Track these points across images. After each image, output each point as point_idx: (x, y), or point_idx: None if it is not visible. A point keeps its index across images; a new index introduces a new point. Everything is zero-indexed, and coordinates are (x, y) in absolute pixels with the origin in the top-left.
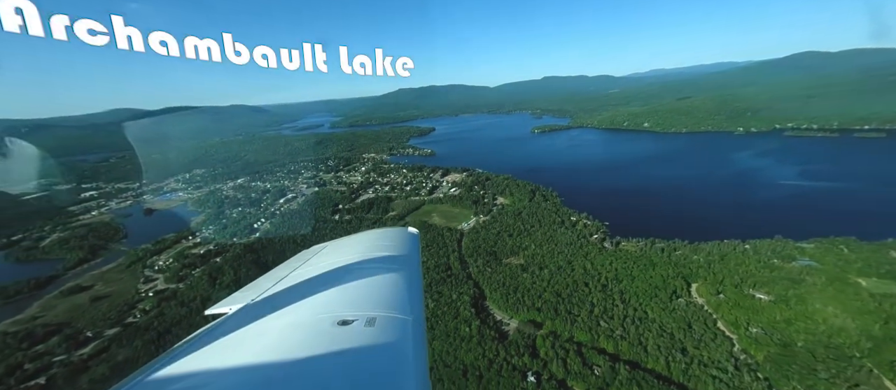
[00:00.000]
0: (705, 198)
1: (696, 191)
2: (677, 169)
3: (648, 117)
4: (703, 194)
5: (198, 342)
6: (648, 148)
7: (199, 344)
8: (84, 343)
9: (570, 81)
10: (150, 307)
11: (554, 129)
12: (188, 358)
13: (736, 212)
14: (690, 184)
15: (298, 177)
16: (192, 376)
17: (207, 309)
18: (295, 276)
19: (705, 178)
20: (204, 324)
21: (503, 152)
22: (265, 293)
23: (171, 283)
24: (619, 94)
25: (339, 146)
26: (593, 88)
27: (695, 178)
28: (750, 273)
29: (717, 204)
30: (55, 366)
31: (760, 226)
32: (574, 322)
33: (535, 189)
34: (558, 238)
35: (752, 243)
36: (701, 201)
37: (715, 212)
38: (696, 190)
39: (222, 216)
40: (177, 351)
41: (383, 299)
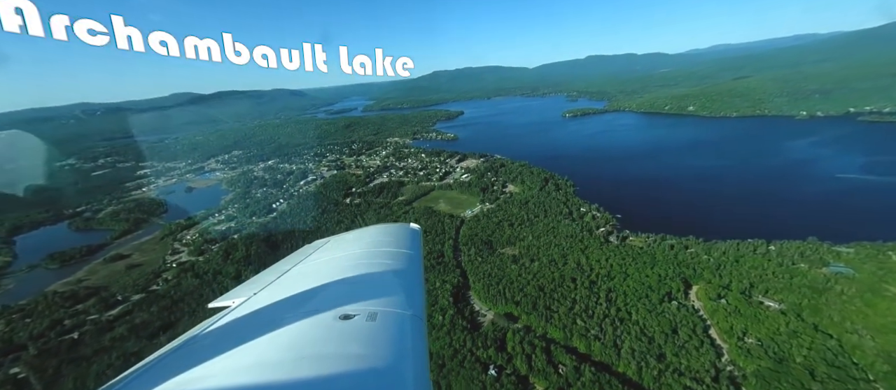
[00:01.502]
0: (739, 191)
1: (730, 183)
2: (714, 158)
3: (695, 100)
4: (737, 187)
5: (201, 335)
6: (687, 134)
7: (202, 338)
8: (113, 305)
9: (617, 60)
10: (172, 277)
11: (586, 113)
12: (192, 350)
13: (771, 208)
14: (725, 175)
15: (322, 160)
16: (195, 369)
17: (211, 303)
18: (297, 271)
19: (745, 170)
20: (207, 317)
21: (528, 137)
22: (268, 287)
23: (193, 256)
24: (669, 74)
25: (366, 130)
26: (641, 68)
27: (732, 170)
28: (764, 278)
29: (751, 199)
30: (87, 324)
31: (795, 226)
32: (550, 318)
33: (550, 177)
34: (560, 230)
35: (780, 244)
36: (732, 195)
37: (746, 207)
38: (731, 182)
39: (248, 196)
40: (181, 344)
41: (385, 294)
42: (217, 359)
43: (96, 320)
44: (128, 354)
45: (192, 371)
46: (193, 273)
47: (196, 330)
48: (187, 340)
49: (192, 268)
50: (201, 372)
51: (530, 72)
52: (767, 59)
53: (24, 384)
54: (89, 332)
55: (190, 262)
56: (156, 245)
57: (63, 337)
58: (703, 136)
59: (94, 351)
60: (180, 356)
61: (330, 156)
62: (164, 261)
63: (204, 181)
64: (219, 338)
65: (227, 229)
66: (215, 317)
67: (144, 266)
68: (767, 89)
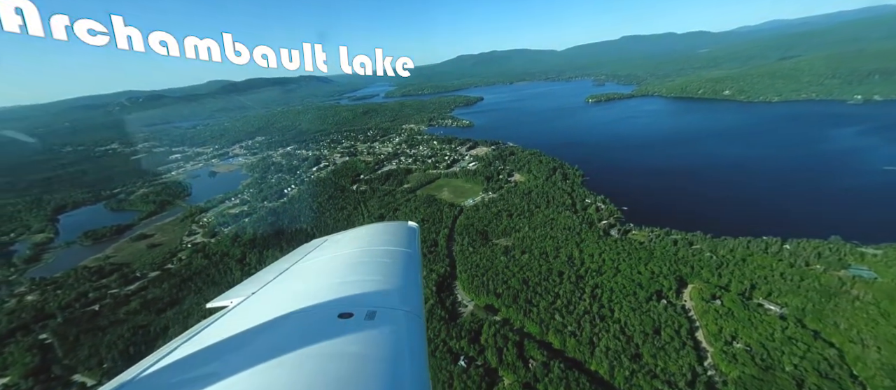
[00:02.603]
0: (763, 184)
1: (755, 175)
2: (742, 147)
3: (733, 82)
4: (762, 179)
5: (199, 335)
6: (717, 120)
7: (200, 338)
8: (132, 281)
9: (654, 41)
10: (185, 257)
11: (611, 99)
12: (189, 351)
13: (796, 203)
14: (751, 166)
15: (337, 146)
16: (193, 369)
17: (209, 303)
18: (295, 270)
19: (775, 160)
20: (206, 316)
21: (544, 124)
22: (266, 286)
23: (206, 238)
24: (709, 54)
25: (383, 116)
26: (681, 48)
27: (761, 160)
28: (770, 279)
29: (775, 192)
30: (107, 298)
31: (820, 223)
32: (529, 312)
33: (559, 166)
34: (558, 221)
35: (796, 243)
36: (755, 188)
37: (767, 202)
38: (756, 174)
39: (264, 181)
40: (179, 344)
41: (383, 293)
42: (215, 359)
43: (116, 294)
44: (136, 327)
45: (190, 371)
46: (204, 254)
47: (194, 330)
48: (186, 340)
49: (203, 249)
50: (200, 372)
51: (558, 55)
52: (824, 36)
53: (49, 349)
54: (108, 305)
55: (202, 244)
56: (176, 226)
57: (86, 309)
58: (734, 123)
59: (110, 322)
60: (179, 356)
61: (345, 143)
62: (181, 241)
63: (227, 166)
64: (217, 338)
65: (239, 213)
66: (214, 317)
67: (164, 245)
68: (818, 70)
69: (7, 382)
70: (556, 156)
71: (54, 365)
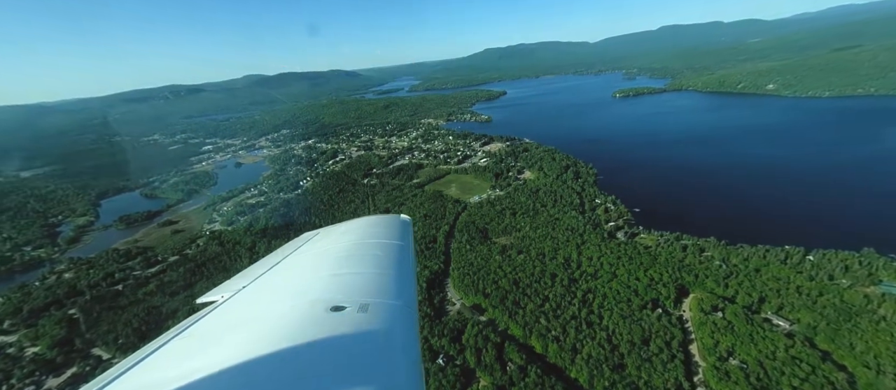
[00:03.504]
0: (796, 187)
1: (788, 177)
2: (779, 147)
3: (779, 76)
4: (795, 182)
5: (190, 329)
6: (755, 117)
7: (191, 332)
8: (154, 264)
9: (697, 30)
10: (203, 243)
11: (640, 93)
12: (181, 345)
13: (829, 209)
14: (785, 168)
15: (356, 140)
16: (184, 362)
17: (198, 298)
18: (288, 263)
19: (814, 162)
20: (195, 312)
21: (566, 120)
22: (258, 280)
23: (224, 226)
24: (759, 45)
25: (404, 111)
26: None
27: (797, 161)
28: (784, 292)
29: (809, 196)
30: (130, 278)
31: (853, 232)
32: (515, 314)
33: (572, 164)
34: (563, 221)
35: (821, 254)
36: (785, 192)
37: (798, 207)
38: (789, 176)
39: (283, 173)
40: (170, 338)
41: (376, 285)
42: (206, 353)
43: (138, 276)
44: (151, 308)
45: (181, 364)
46: (218, 241)
47: (186, 324)
48: (176, 334)
49: (219, 236)
50: (191, 366)
51: (590, 47)
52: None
53: (75, 323)
54: (130, 286)
55: (219, 231)
56: (199, 214)
57: (111, 288)
58: (773, 120)
59: (130, 302)
60: (170, 350)
61: (364, 137)
62: (202, 228)
63: (252, 157)
64: (208, 332)
65: (256, 203)
66: (204, 311)
67: (186, 232)
68: (882, 62)
69: (37, 351)
70: (572, 153)
71: (77, 338)
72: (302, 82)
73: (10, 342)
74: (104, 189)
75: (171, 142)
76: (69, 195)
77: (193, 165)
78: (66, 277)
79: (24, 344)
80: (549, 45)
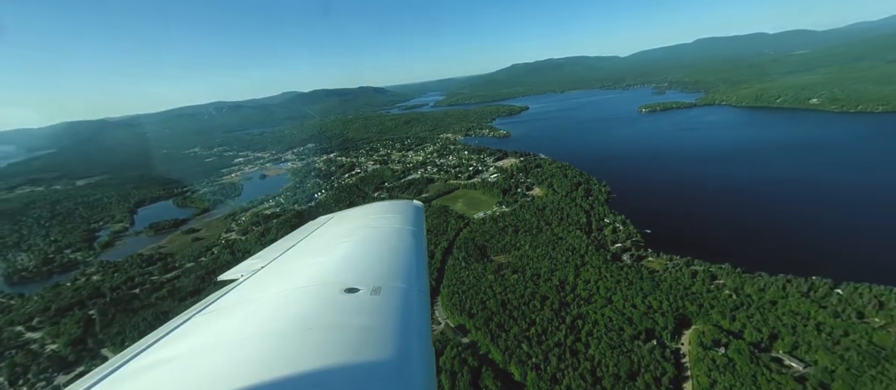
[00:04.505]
0: (830, 211)
1: (822, 200)
2: (815, 166)
3: (825, 89)
4: (829, 206)
5: (212, 306)
6: (794, 134)
7: (212, 309)
8: (171, 269)
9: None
10: (217, 251)
11: (668, 108)
12: (202, 321)
13: (868, 237)
14: (819, 189)
15: (374, 154)
16: (205, 337)
17: (220, 276)
18: (303, 246)
19: (854, 184)
20: (216, 289)
21: (585, 135)
22: (275, 260)
23: (239, 235)
24: (805, 56)
25: (424, 126)
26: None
27: (835, 183)
28: (801, 329)
29: (844, 222)
30: (147, 283)
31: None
32: (498, 338)
33: (584, 181)
34: (566, 241)
35: (853, 288)
36: (817, 215)
37: (830, 233)
38: (823, 199)
39: (301, 185)
40: (193, 314)
41: (388, 268)
42: (226, 329)
43: (155, 280)
44: (159, 312)
45: (202, 338)
46: (231, 250)
47: (207, 301)
48: (199, 311)
49: (231, 245)
50: (211, 340)
51: (621, 61)
52: None
53: (92, 323)
54: (146, 290)
55: (233, 240)
56: (220, 223)
57: (129, 292)
58: (813, 137)
59: (143, 305)
60: (191, 325)
61: (382, 151)
62: (219, 237)
63: (277, 170)
64: (228, 309)
65: (271, 214)
66: (225, 289)
67: (205, 240)
68: None
69: (55, 348)
70: (587, 169)
71: (90, 338)
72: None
73: (35, 338)
74: (142, 197)
75: (207, 155)
76: (112, 202)
77: (223, 176)
78: (93, 279)
79: (46, 340)
80: (577, 59)
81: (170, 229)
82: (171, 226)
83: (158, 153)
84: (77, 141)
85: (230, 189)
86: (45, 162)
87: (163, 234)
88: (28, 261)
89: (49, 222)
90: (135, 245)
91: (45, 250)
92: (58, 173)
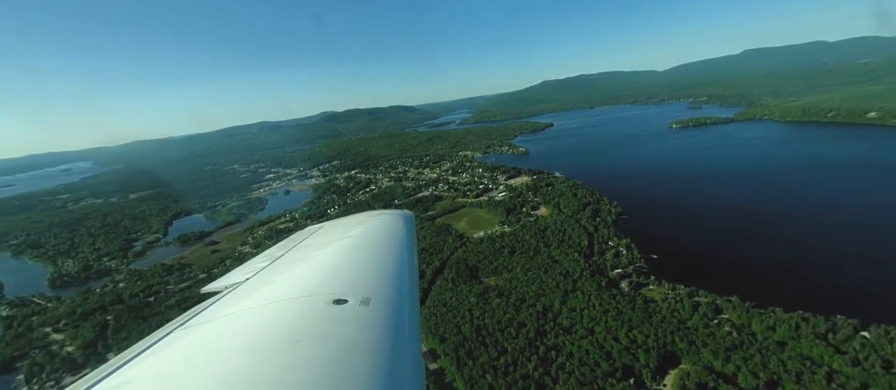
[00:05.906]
0: (873, 241)
1: (866, 229)
2: (865, 192)
3: (888, 101)
4: (874, 235)
5: (194, 320)
6: (845, 151)
7: (194, 322)
8: (186, 279)
9: (790, 52)
10: (230, 263)
11: (702, 124)
12: (184, 335)
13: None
14: (865, 217)
15: (391, 171)
16: (186, 351)
17: (204, 288)
18: (290, 256)
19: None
20: (200, 302)
21: (607, 153)
22: (261, 271)
23: (251, 248)
24: (868, 65)
25: (444, 143)
26: (833, 59)
27: (886, 209)
28: (810, 376)
29: (888, 255)
30: (163, 291)
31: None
32: (465, 366)
33: (595, 201)
34: (561, 264)
35: (883, 330)
36: (857, 246)
37: (868, 267)
38: (868, 227)
39: (318, 201)
40: (173, 328)
41: (377, 279)
42: (207, 343)
43: (170, 289)
44: (165, 320)
45: (181, 353)
46: (241, 262)
47: (189, 315)
48: (180, 324)
49: (242, 258)
50: (191, 355)
51: (657, 75)
52: None
53: (106, 328)
54: (160, 298)
55: (245, 253)
56: (239, 236)
57: (146, 299)
58: (867, 155)
59: (154, 313)
60: (170, 340)
61: (400, 168)
62: (235, 249)
63: (301, 185)
64: (210, 322)
65: (284, 228)
66: (208, 302)
67: (222, 252)
68: None
69: (70, 350)
70: (602, 188)
71: (100, 343)
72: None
73: (58, 340)
74: (178, 210)
75: (243, 171)
76: (152, 214)
77: (252, 191)
78: (119, 286)
79: (66, 342)
80: (610, 75)
81: (195, 241)
82: (196, 237)
83: (203, 169)
84: (142, 158)
85: (255, 203)
86: (112, 176)
87: (188, 245)
88: (72, 267)
89: (98, 232)
90: (162, 255)
91: (88, 257)
92: (116, 187)
